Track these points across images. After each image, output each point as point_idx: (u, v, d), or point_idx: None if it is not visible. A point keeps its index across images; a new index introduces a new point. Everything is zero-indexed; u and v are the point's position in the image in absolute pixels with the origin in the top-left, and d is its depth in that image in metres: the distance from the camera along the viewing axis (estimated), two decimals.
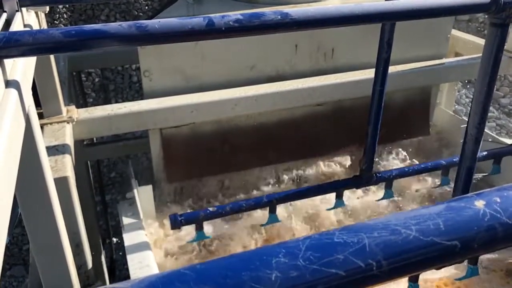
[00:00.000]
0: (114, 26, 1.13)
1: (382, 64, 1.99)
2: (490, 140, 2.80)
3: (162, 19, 1.19)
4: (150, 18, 2.41)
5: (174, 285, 0.45)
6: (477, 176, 2.55)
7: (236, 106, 2.43)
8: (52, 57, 1.99)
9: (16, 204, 1.26)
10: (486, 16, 1.68)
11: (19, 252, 5.69)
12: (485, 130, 1.96)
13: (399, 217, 0.53)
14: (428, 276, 2.29)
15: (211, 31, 1.21)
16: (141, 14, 6.18)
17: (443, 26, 2.89)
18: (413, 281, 1.82)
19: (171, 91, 2.43)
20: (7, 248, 0.77)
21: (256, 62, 2.59)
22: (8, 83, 1.01)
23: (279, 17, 1.27)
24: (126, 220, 2.28)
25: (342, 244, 0.50)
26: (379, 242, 0.50)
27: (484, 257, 2.33)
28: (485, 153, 2.43)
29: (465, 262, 2.01)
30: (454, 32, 3.13)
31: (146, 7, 6.18)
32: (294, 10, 1.30)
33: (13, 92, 0.99)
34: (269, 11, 1.28)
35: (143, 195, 2.43)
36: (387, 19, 1.70)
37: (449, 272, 2.30)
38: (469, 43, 3.13)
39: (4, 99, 0.95)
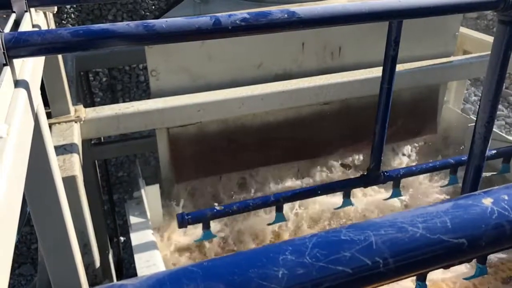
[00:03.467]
0: (121, 25, 1.13)
1: (389, 63, 1.98)
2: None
3: (169, 18, 1.19)
4: (157, 17, 2.42)
5: (182, 281, 0.45)
6: (486, 175, 2.54)
7: (242, 105, 2.43)
8: (60, 57, 2.01)
9: (25, 203, 1.27)
10: (495, 14, 1.67)
11: (27, 250, 5.74)
12: (494, 128, 1.95)
13: (406, 215, 0.53)
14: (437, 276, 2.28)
15: (217, 30, 1.21)
16: (148, 13, 6.20)
17: (451, 24, 2.87)
18: (421, 280, 1.82)
19: (178, 90, 2.43)
20: (16, 246, 0.78)
21: (262, 61, 2.59)
22: (17, 83, 1.02)
23: (286, 15, 1.27)
24: (133, 219, 2.29)
25: (349, 242, 0.50)
26: (385, 239, 0.50)
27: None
28: (494, 151, 2.42)
29: (474, 262, 2.00)
30: (462, 29, 3.10)
31: (153, 7, 6.20)
32: (301, 9, 1.30)
33: (22, 92, 1.00)
34: (275, 10, 1.28)
35: (150, 194, 2.44)
36: (395, 17, 1.69)
37: (458, 272, 2.29)
38: (477, 41, 3.11)
39: (14, 98, 0.96)
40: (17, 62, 1.05)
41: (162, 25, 1.15)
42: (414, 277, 1.77)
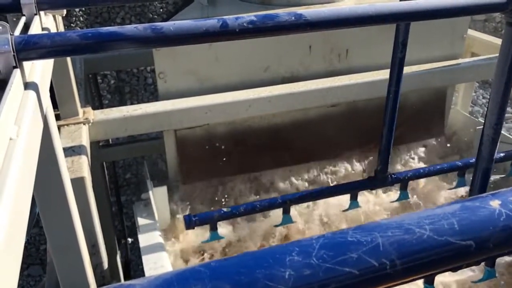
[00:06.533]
0: (129, 28, 1.14)
1: (397, 65, 1.97)
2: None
3: (176, 21, 1.19)
4: (165, 20, 2.43)
5: (189, 282, 0.45)
6: (494, 177, 2.52)
7: (250, 107, 2.44)
8: (69, 59, 2.03)
9: (34, 204, 1.28)
10: (503, 16, 1.66)
11: (36, 252, 5.77)
12: (502, 131, 1.93)
13: (413, 217, 0.53)
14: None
15: (225, 33, 1.21)
16: (155, 16, 6.24)
17: (459, 26, 2.86)
18: (429, 283, 1.81)
19: (185, 93, 2.45)
20: (24, 248, 0.79)
21: (270, 63, 2.59)
22: (27, 85, 1.03)
23: (292, 18, 1.27)
24: (141, 221, 2.30)
25: (356, 243, 0.50)
26: (392, 241, 0.50)
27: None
28: (502, 154, 2.40)
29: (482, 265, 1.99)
30: (470, 32, 3.09)
31: (161, 10, 6.23)
32: (308, 11, 1.30)
33: (31, 94, 1.01)
34: (282, 13, 1.29)
35: (158, 196, 2.45)
36: (402, 20, 1.69)
37: (466, 275, 2.27)
38: (485, 43, 3.09)
39: (23, 101, 0.97)
40: (26, 64, 1.07)
41: (170, 28, 1.16)
42: (422, 280, 1.76)
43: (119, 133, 2.36)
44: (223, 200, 2.69)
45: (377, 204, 2.73)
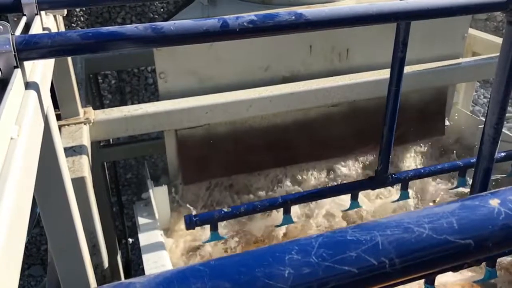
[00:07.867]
0: (130, 28, 1.14)
1: (397, 64, 1.97)
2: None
3: (177, 21, 1.20)
4: (166, 20, 2.43)
5: (189, 280, 0.45)
6: (495, 177, 2.52)
7: (250, 107, 2.44)
8: (69, 59, 2.03)
9: (35, 204, 1.29)
10: (504, 15, 1.66)
11: (37, 252, 5.78)
12: (503, 130, 1.93)
13: (412, 215, 0.53)
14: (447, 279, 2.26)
15: (225, 32, 1.21)
16: (156, 16, 6.24)
17: (459, 25, 2.86)
18: (429, 283, 1.81)
19: (186, 93, 2.45)
20: (25, 248, 0.79)
21: (270, 63, 2.59)
22: (28, 85, 1.03)
23: (293, 17, 1.27)
24: (141, 220, 2.30)
25: (355, 242, 0.50)
26: (392, 240, 0.50)
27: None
28: (503, 154, 2.40)
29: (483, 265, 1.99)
30: (471, 31, 3.09)
31: (162, 10, 6.23)
32: (308, 11, 1.30)
33: (32, 93, 1.01)
34: (283, 12, 1.29)
35: (158, 196, 2.45)
36: (402, 19, 1.69)
37: (467, 275, 2.27)
38: (486, 42, 3.09)
39: (24, 100, 0.97)
40: (27, 64, 1.07)
41: (171, 28, 1.16)
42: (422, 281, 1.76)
43: (120, 133, 2.36)
44: (223, 199, 2.69)
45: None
